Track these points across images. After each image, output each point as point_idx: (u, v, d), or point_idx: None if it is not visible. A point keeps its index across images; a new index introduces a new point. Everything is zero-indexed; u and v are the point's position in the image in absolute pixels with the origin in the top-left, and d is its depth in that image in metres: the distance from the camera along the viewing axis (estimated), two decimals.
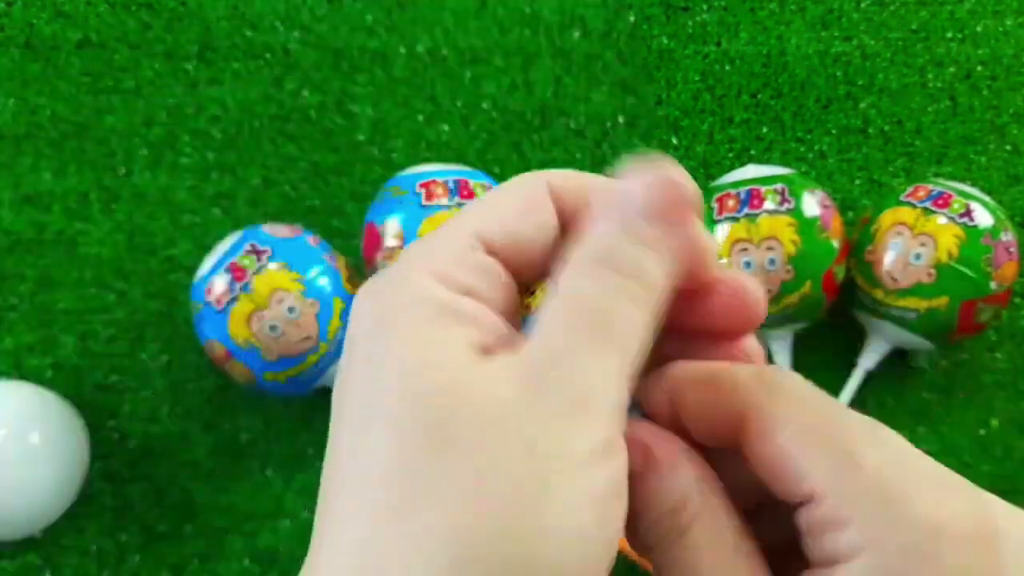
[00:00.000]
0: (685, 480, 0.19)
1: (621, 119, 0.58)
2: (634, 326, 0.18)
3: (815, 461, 0.17)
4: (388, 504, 0.16)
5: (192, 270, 0.53)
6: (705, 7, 0.60)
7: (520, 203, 0.20)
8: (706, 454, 0.20)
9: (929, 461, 0.18)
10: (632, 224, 0.18)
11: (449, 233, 0.19)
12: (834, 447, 0.17)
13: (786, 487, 0.18)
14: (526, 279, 0.20)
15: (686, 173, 0.19)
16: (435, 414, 0.16)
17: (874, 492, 0.17)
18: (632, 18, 0.60)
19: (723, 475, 0.20)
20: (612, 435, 0.17)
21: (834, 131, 0.58)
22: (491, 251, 0.19)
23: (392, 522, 0.16)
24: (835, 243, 0.47)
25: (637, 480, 0.19)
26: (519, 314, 0.20)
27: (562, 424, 0.16)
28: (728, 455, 0.20)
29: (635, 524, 0.19)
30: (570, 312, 0.18)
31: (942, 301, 0.46)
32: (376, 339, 0.18)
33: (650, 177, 0.18)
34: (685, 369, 0.20)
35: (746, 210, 0.46)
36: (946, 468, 0.18)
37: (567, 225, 0.20)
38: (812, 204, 0.47)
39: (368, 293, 0.19)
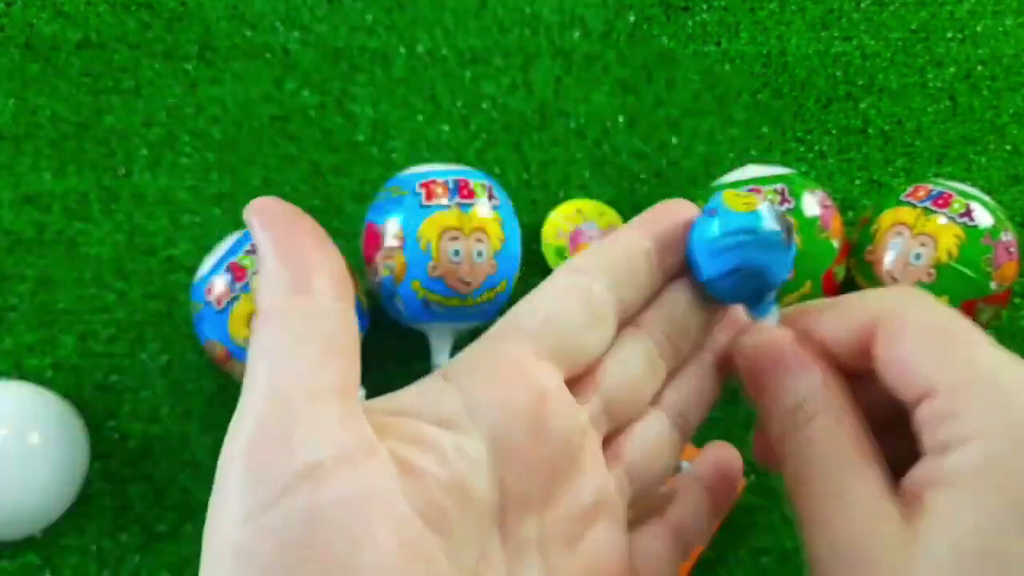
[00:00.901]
0: (809, 380, 0.21)
1: (621, 119, 0.58)
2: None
3: (935, 359, 0.19)
4: None
5: (192, 270, 0.53)
6: (705, 7, 0.61)
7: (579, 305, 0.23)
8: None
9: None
10: None
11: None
12: (953, 346, 0.19)
13: (909, 386, 0.19)
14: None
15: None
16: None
17: (986, 387, 0.18)
18: (632, 18, 0.60)
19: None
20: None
21: (834, 131, 0.58)
22: (555, 355, 0.22)
23: None
24: (835, 243, 0.47)
25: (769, 379, 0.21)
26: None
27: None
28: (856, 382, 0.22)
29: (766, 415, 0.21)
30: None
31: (942, 301, 0.46)
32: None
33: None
34: (816, 304, 0.22)
35: None
36: None
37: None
38: (812, 204, 0.47)
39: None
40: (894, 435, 0.21)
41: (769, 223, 0.21)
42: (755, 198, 0.22)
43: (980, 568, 0.17)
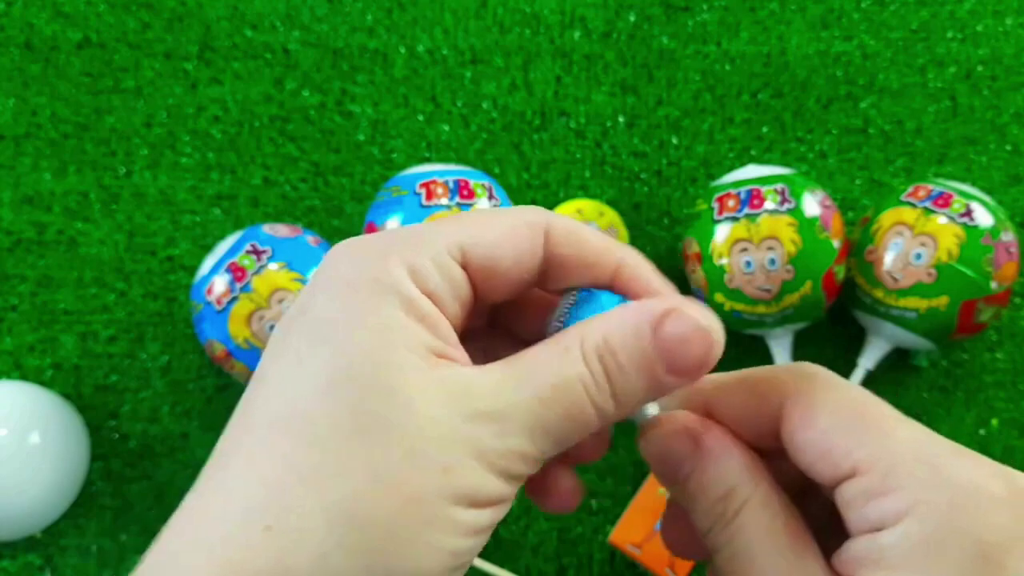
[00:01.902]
0: (735, 467, 0.20)
1: (621, 119, 0.58)
2: (582, 425, 0.19)
3: (855, 439, 0.19)
4: (300, 467, 0.17)
5: (192, 270, 0.53)
6: (705, 7, 0.60)
7: (511, 231, 0.20)
8: None
9: (947, 439, 0.19)
10: (648, 354, 0.19)
11: (435, 233, 0.20)
12: (870, 425, 0.19)
13: (829, 466, 0.19)
14: (487, 299, 0.21)
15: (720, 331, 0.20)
16: (371, 407, 0.17)
17: (912, 462, 0.18)
18: (632, 18, 0.60)
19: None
20: (503, 493, 0.19)
21: (834, 131, 0.58)
22: (466, 264, 0.20)
23: (301, 484, 0.17)
24: (835, 243, 0.47)
25: (690, 468, 0.21)
26: (466, 329, 0.21)
27: (469, 468, 0.18)
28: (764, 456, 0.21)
29: (692, 508, 0.21)
30: (539, 381, 0.19)
31: (942, 301, 0.46)
32: (339, 307, 0.19)
33: (698, 327, 0.19)
34: (715, 380, 0.22)
35: (747, 210, 0.46)
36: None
37: (550, 268, 0.21)
38: (812, 204, 0.47)
39: (346, 254, 0.20)
40: (800, 506, 0.21)
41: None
42: None
43: None
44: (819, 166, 0.57)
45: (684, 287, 0.52)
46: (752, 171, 0.49)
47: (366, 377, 0.18)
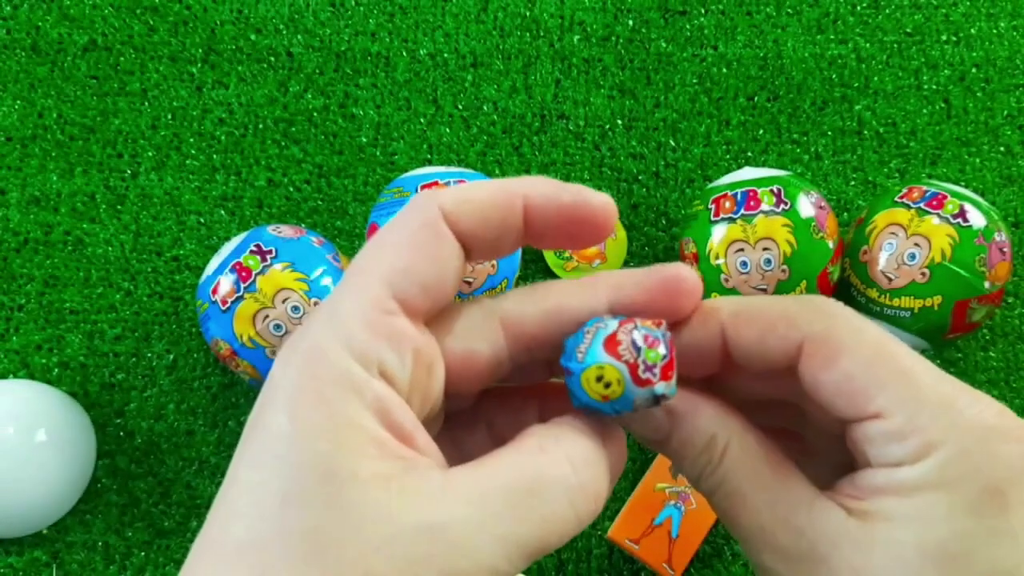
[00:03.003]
0: (707, 418, 0.21)
1: (620, 121, 0.59)
2: (560, 523, 0.18)
3: (878, 383, 0.19)
4: None
5: (198, 270, 0.54)
6: (702, 11, 0.61)
7: (420, 238, 0.19)
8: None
9: (960, 382, 0.20)
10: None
11: (359, 292, 0.19)
12: (893, 370, 0.19)
13: (851, 407, 0.19)
14: (434, 309, 0.20)
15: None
16: (324, 528, 0.16)
17: (935, 407, 0.19)
18: (631, 22, 0.61)
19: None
20: None
21: (829, 133, 0.58)
22: (402, 301, 0.19)
23: None
24: (830, 243, 0.47)
25: (667, 430, 0.22)
26: (425, 386, 0.20)
27: None
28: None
29: (679, 464, 0.22)
30: (504, 487, 0.18)
31: (936, 301, 0.47)
32: (288, 417, 0.17)
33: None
34: (734, 305, 0.22)
35: (742, 211, 0.47)
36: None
37: (469, 245, 0.20)
38: (807, 205, 0.47)
39: (287, 358, 0.18)
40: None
41: (622, 408, 0.20)
42: (616, 384, 0.20)
43: (945, 567, 0.18)
44: (814, 168, 0.58)
45: None
46: (748, 173, 0.50)
47: (318, 497, 0.16)
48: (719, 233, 0.47)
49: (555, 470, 0.18)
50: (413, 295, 0.19)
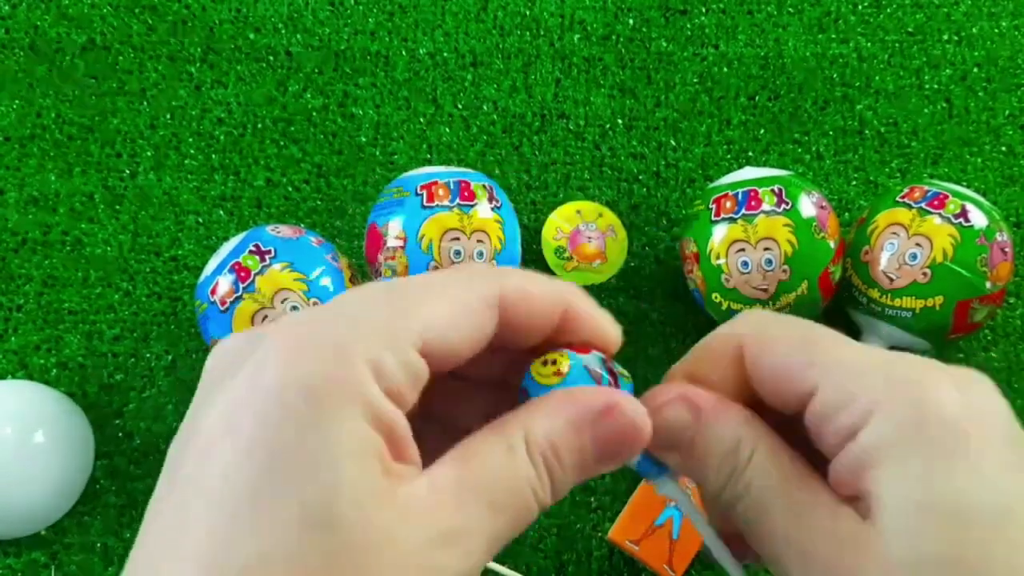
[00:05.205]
0: (737, 420, 0.21)
1: (620, 121, 0.58)
2: (525, 522, 0.19)
3: (807, 358, 0.20)
4: None
5: (197, 270, 0.54)
6: (703, 10, 0.61)
7: (466, 311, 0.20)
8: None
9: (884, 350, 0.21)
10: (585, 448, 0.20)
11: (397, 317, 0.19)
12: (819, 346, 0.21)
13: (791, 389, 0.20)
14: (439, 371, 0.20)
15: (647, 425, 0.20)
16: (339, 551, 0.16)
17: (863, 370, 0.20)
18: (631, 21, 0.61)
19: None
20: None
21: (831, 133, 0.58)
22: (425, 353, 0.19)
23: None
24: (831, 243, 0.47)
25: (692, 431, 0.22)
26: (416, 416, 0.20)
27: None
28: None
29: (702, 472, 0.22)
30: (493, 489, 0.19)
31: (937, 301, 0.47)
32: (291, 419, 0.17)
33: (633, 425, 0.20)
34: (683, 369, 0.23)
35: (743, 211, 0.47)
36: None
37: (507, 330, 0.21)
38: (808, 205, 0.47)
39: (294, 344, 0.18)
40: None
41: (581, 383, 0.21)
42: (564, 362, 0.21)
43: (938, 524, 0.18)
44: (815, 167, 0.58)
45: (682, 286, 0.53)
46: (749, 172, 0.49)
47: (331, 519, 0.17)
48: (720, 233, 0.47)
49: (525, 471, 0.19)
50: (435, 344, 0.19)
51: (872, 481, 0.19)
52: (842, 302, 0.51)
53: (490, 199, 0.48)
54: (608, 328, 0.23)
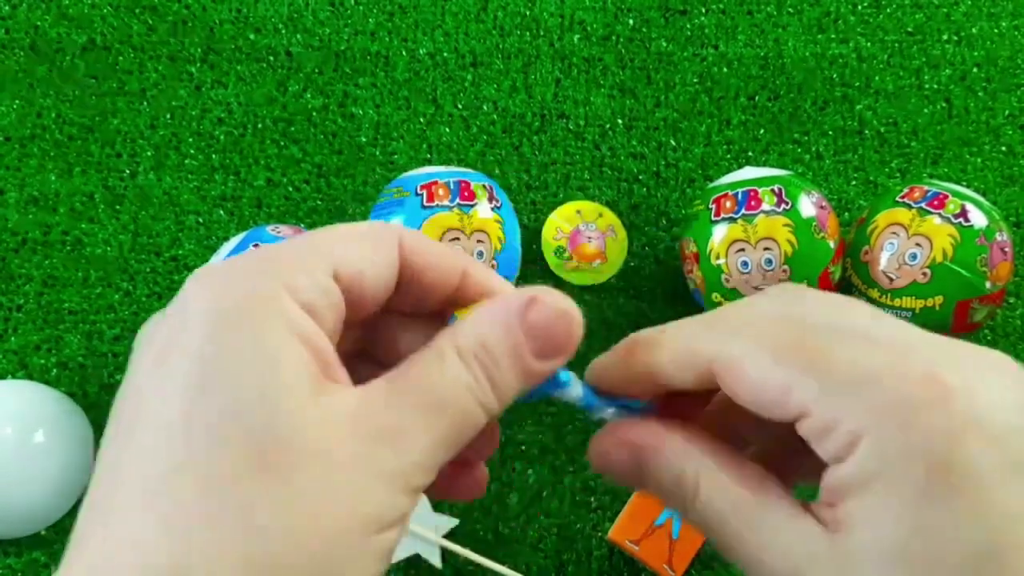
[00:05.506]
0: (672, 453, 0.21)
1: (620, 121, 0.58)
2: (471, 426, 0.19)
3: (789, 379, 0.19)
4: (202, 516, 0.16)
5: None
6: (703, 10, 0.61)
7: (372, 246, 0.20)
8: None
9: (882, 343, 0.19)
10: (519, 344, 0.20)
11: (306, 250, 0.20)
12: (802, 360, 0.19)
13: (779, 413, 0.19)
14: (350, 318, 0.21)
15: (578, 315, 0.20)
16: (268, 445, 0.17)
17: (850, 387, 0.18)
18: (631, 21, 0.61)
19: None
20: (407, 507, 0.19)
21: (830, 133, 0.58)
22: (336, 278, 0.20)
23: (204, 534, 0.16)
24: (831, 243, 0.47)
25: (637, 473, 0.22)
26: (339, 346, 0.20)
27: (375, 491, 0.18)
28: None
29: (662, 500, 0.22)
30: (425, 393, 0.19)
31: (937, 301, 0.47)
32: (219, 340, 0.18)
33: (559, 311, 0.20)
34: (650, 336, 0.22)
35: (743, 211, 0.47)
36: (891, 326, 0.19)
37: (402, 281, 0.21)
38: (808, 205, 0.47)
39: (215, 279, 0.19)
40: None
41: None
42: None
43: (908, 558, 0.17)
44: (815, 167, 0.58)
45: (682, 286, 0.53)
46: (749, 172, 0.49)
47: (258, 416, 0.17)
48: (720, 233, 0.47)
49: (456, 372, 0.19)
50: (345, 274, 0.20)
51: (848, 512, 0.18)
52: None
53: (490, 199, 0.48)
54: (507, 290, 0.22)
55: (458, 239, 0.47)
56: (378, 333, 0.23)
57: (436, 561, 0.47)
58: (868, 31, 0.61)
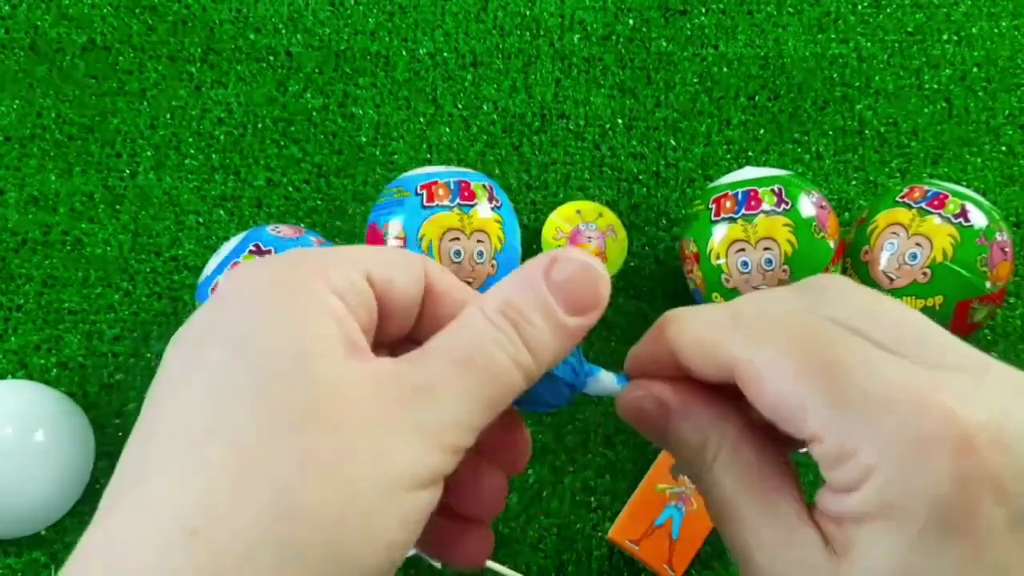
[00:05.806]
0: (703, 420, 0.21)
1: (620, 121, 0.58)
2: (508, 386, 0.20)
3: (806, 400, 0.18)
4: (229, 470, 0.17)
5: (197, 270, 0.54)
6: (703, 10, 0.61)
7: (402, 260, 0.21)
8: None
9: (903, 375, 0.18)
10: (548, 301, 0.20)
11: (341, 252, 0.20)
12: (821, 381, 0.18)
13: (794, 430, 0.19)
14: (380, 328, 0.21)
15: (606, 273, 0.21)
16: (299, 401, 0.17)
17: (867, 417, 0.18)
18: (631, 21, 0.61)
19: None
20: (444, 467, 0.19)
21: (830, 133, 0.58)
22: (369, 282, 0.20)
23: (230, 486, 0.16)
24: (831, 243, 0.47)
25: (663, 426, 0.22)
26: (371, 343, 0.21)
27: (408, 445, 0.18)
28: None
29: (678, 459, 0.22)
30: (456, 352, 0.19)
31: (937, 301, 0.47)
32: (255, 315, 0.18)
33: (582, 265, 0.20)
34: (678, 324, 0.22)
35: (743, 211, 0.47)
36: (922, 330, 0.19)
37: (424, 305, 0.22)
38: (808, 205, 0.47)
39: (252, 270, 0.19)
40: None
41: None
42: None
43: None
44: (815, 167, 0.58)
45: (682, 286, 0.53)
46: (749, 172, 0.49)
47: (290, 374, 0.17)
48: (720, 233, 0.47)
49: (485, 329, 0.20)
50: (378, 281, 0.20)
51: (849, 537, 0.18)
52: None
53: (490, 199, 0.48)
54: (470, 295, 0.22)
55: (458, 239, 0.47)
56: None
57: (436, 561, 0.47)
58: (868, 31, 0.61)
